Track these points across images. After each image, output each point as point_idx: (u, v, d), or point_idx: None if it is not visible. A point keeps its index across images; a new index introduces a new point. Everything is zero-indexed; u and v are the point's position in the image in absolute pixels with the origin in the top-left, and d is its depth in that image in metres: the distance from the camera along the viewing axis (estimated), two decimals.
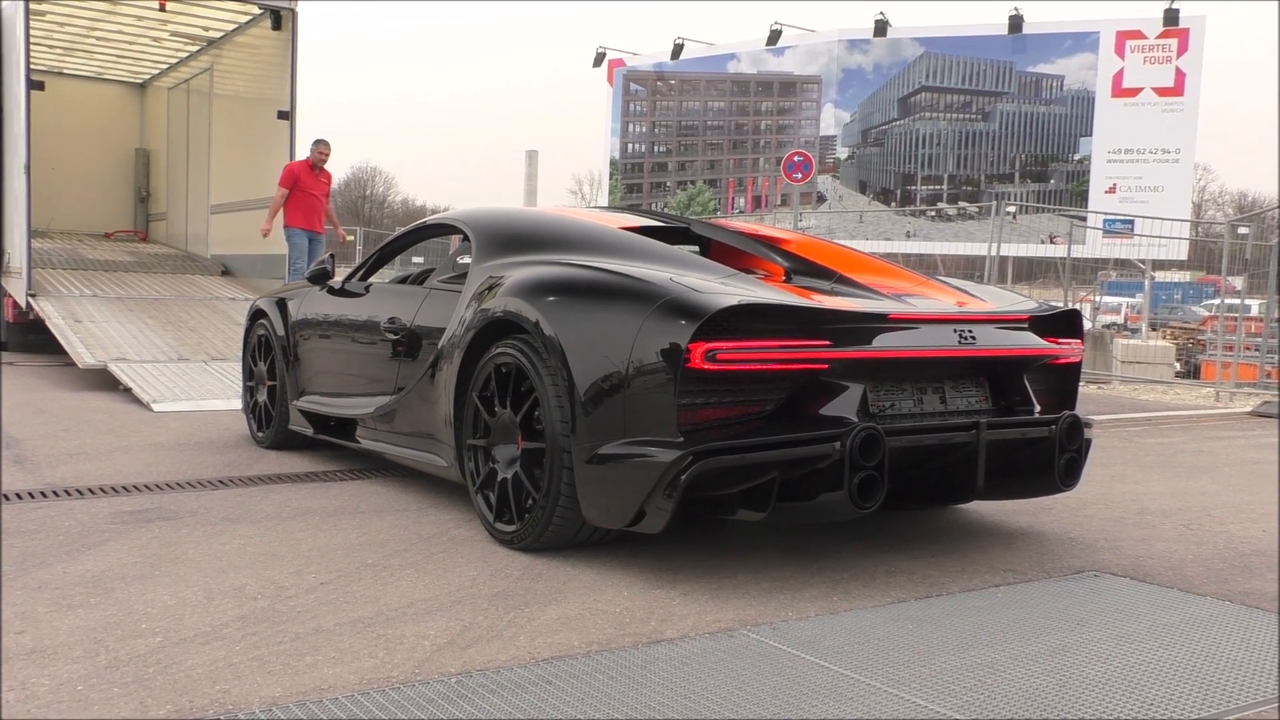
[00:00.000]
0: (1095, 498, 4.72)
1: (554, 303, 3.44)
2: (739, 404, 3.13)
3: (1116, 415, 8.36)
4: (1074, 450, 3.61)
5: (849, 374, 3.26)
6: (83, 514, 3.85)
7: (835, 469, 3.04)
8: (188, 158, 13.22)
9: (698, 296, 3.12)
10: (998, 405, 3.62)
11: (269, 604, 2.86)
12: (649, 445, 3.07)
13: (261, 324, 5.63)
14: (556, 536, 3.40)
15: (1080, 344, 3.92)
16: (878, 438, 3.07)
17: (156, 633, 2.61)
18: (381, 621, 2.73)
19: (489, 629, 2.71)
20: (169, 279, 11.18)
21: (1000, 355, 3.60)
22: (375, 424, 4.47)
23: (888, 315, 3.35)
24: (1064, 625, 2.86)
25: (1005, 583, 3.28)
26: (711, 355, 3.01)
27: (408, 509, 4.07)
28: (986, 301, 3.89)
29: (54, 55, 13.36)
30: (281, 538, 3.58)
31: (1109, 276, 24.58)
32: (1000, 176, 21.40)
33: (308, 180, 9.65)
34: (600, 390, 3.19)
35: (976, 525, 4.05)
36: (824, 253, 4.16)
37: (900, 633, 2.76)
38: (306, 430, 5.15)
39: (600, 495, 3.20)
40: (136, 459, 5.01)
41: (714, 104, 24.42)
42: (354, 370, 4.82)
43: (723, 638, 2.68)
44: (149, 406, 6.72)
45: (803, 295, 3.46)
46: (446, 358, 3.91)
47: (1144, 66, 19.71)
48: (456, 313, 3.97)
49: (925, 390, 3.46)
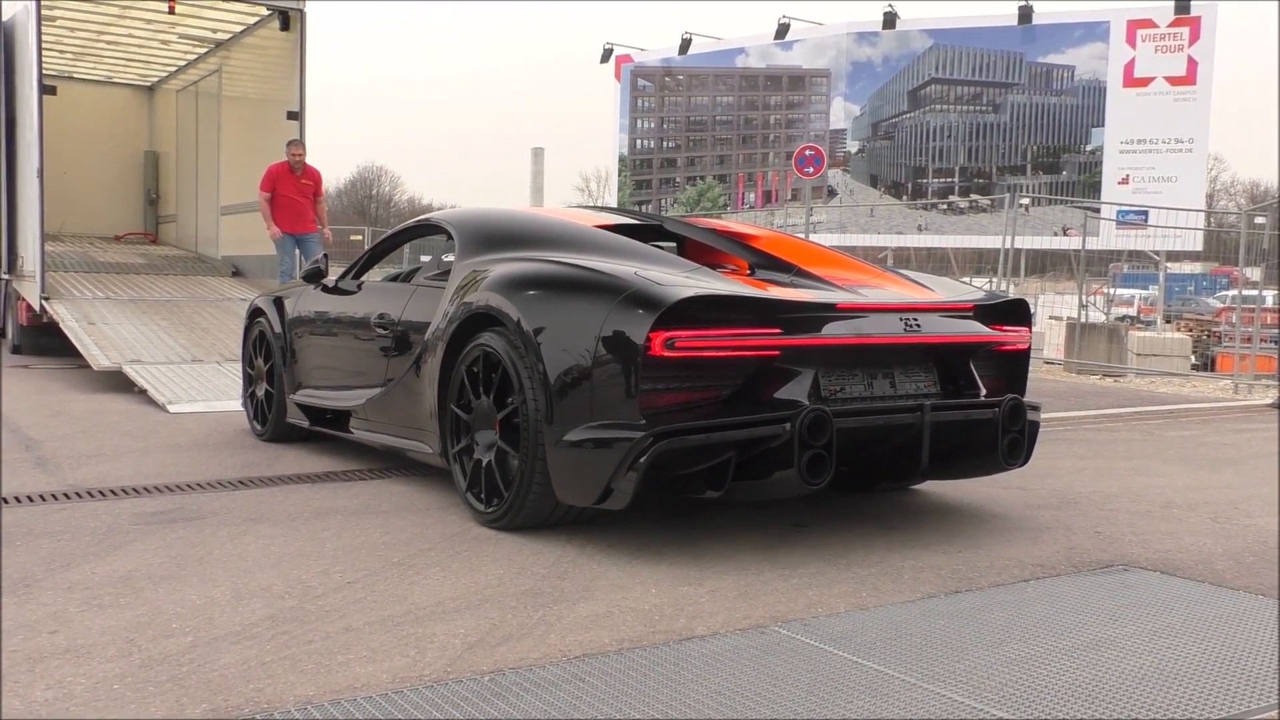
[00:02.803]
0: (1120, 491, 4.70)
1: (528, 296, 3.69)
2: (697, 389, 3.40)
3: (1136, 408, 8.33)
4: (1016, 431, 3.82)
5: (800, 360, 3.50)
6: (107, 515, 3.87)
7: (786, 448, 3.27)
8: (197, 160, 13.25)
9: (658, 289, 3.37)
10: (945, 390, 3.84)
11: (297, 603, 2.87)
12: (614, 428, 3.32)
13: (260, 321, 5.87)
14: (532, 516, 3.63)
15: (1028, 332, 4.15)
16: (825, 419, 3.30)
17: (187, 632, 2.62)
18: (410, 620, 2.74)
19: (519, 627, 2.71)
20: (180, 281, 11.22)
21: (945, 342, 3.83)
22: (367, 414, 4.72)
23: (836, 305, 3.60)
24: (1096, 620, 2.85)
25: (1034, 577, 3.27)
26: (670, 343, 3.27)
27: (429, 508, 4.08)
28: (936, 292, 4.12)
29: (65, 60, 13.41)
30: (305, 537, 3.59)
31: (1121, 269, 24.52)
32: (1012, 168, 21.33)
33: (288, 184, 9.68)
34: (570, 378, 3.44)
35: (1002, 520, 4.05)
36: (788, 248, 4.43)
37: (932, 628, 2.75)
38: (303, 423, 5.38)
39: (570, 476, 3.45)
40: (156, 460, 5.03)
41: (723, 99, 24.38)
42: (347, 364, 5.05)
43: (754, 634, 2.68)
44: (165, 408, 6.74)
45: (759, 287, 3.71)
46: (431, 350, 4.14)
47: (1156, 56, 19.61)
48: (440, 307, 4.20)
49: (876, 376, 3.69)
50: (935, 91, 21.87)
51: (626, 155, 26.38)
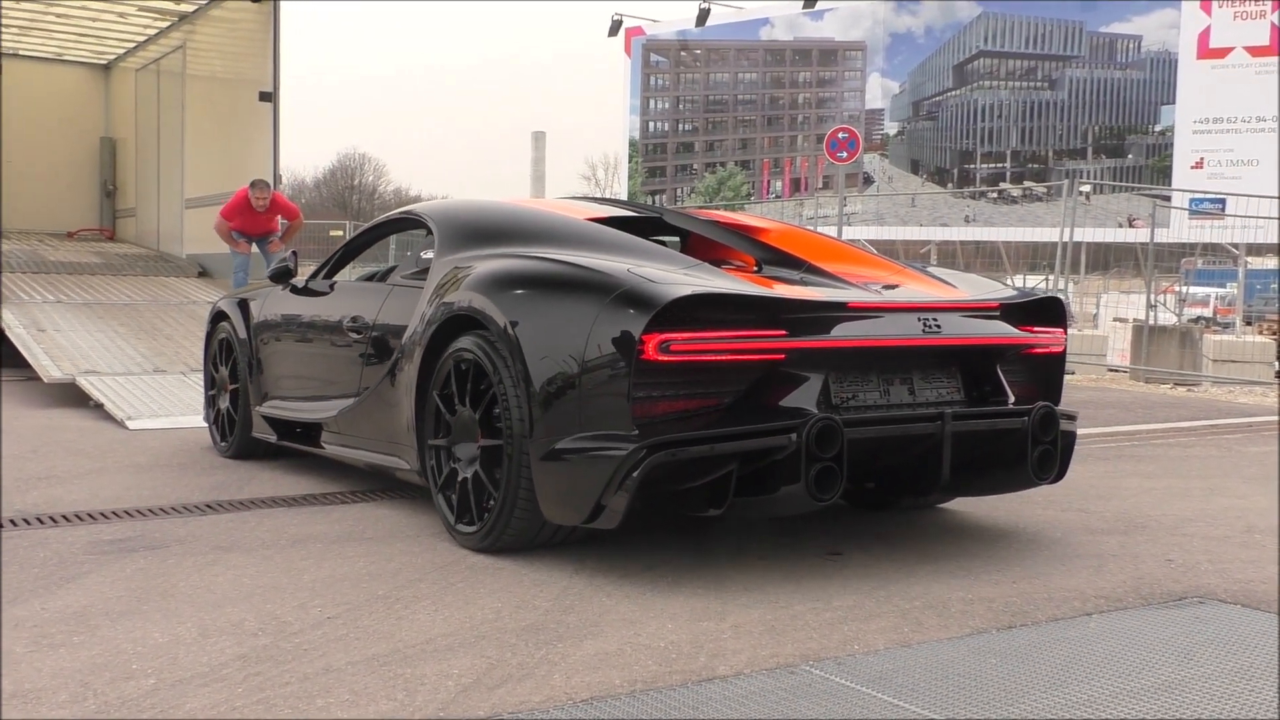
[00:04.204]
0: (1194, 514, 4.69)
1: (512, 296, 3.75)
2: (696, 396, 3.43)
3: (1211, 421, 8.30)
4: (1048, 442, 3.81)
5: (808, 364, 3.52)
6: (58, 544, 3.90)
7: (792, 461, 3.29)
8: (159, 146, 13.35)
9: (652, 287, 3.41)
10: (970, 397, 3.86)
11: (271, 641, 2.88)
12: (604, 439, 3.35)
13: (223, 326, 5.93)
14: (517, 537, 3.67)
15: (1062, 333, 4.17)
16: (835, 428, 3.32)
17: (149, 674, 2.64)
18: (398, 660, 2.75)
19: (519, 667, 2.72)
20: (140, 282, 11.30)
21: (968, 344, 3.85)
22: (340, 427, 4.77)
23: (847, 304, 3.63)
24: (1169, 659, 2.85)
25: (1098, 611, 3.26)
26: (665, 346, 3.29)
27: (419, 535, 4.09)
28: (960, 290, 4.13)
29: (10, 35, 13.52)
30: (280, 568, 3.61)
31: (1194, 264, 24.44)
32: (1071, 152, 21.31)
33: (250, 215, 10.08)
34: (557, 384, 3.49)
35: (1061, 547, 4.04)
36: (799, 242, 4.48)
37: (983, 668, 2.75)
38: (270, 437, 5.43)
39: (557, 492, 3.49)
40: (114, 482, 5.06)
41: (745, 76, 24.43)
42: (318, 372, 5.11)
43: (782, 674, 2.68)
44: (124, 424, 6.79)
45: (764, 285, 3.74)
46: (408, 355, 4.20)
47: (1234, 23, 19.56)
48: (418, 309, 4.24)
49: (892, 381, 3.70)
50: (984, 66, 21.87)
51: (638, 140, 26.46)
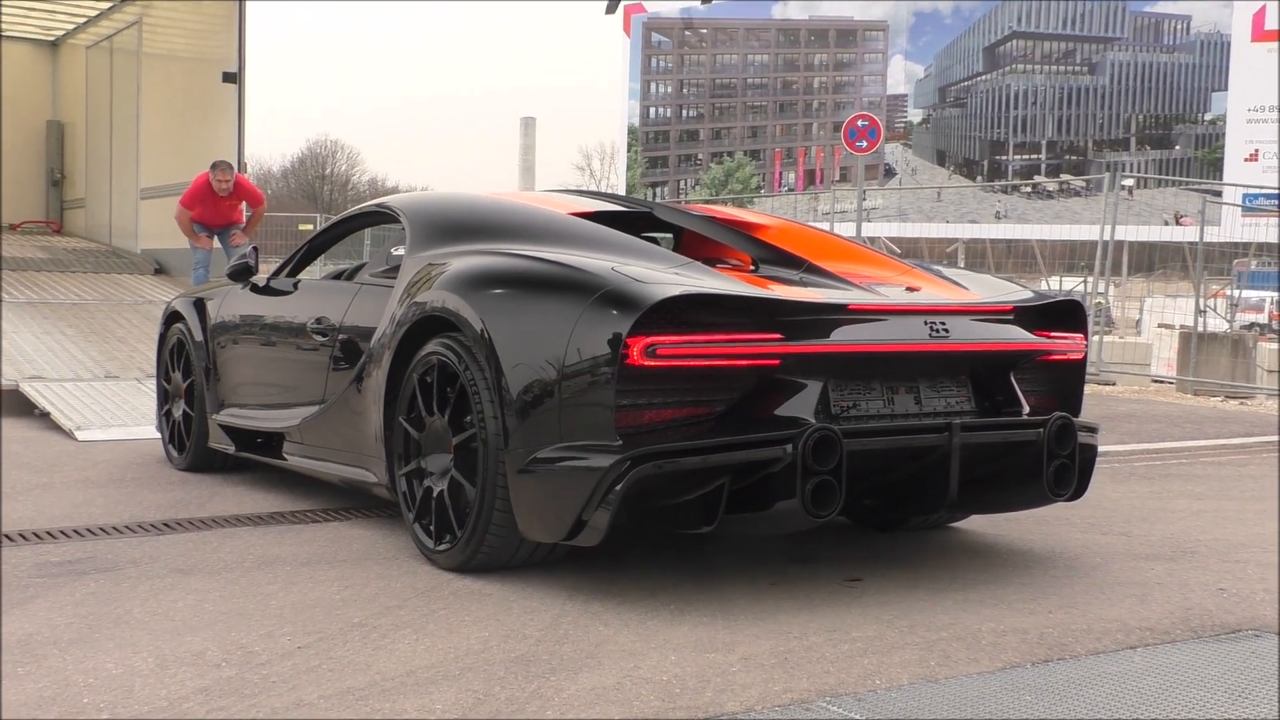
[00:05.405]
0: (1248, 539, 4.70)
1: (487, 296, 3.80)
2: (685, 404, 3.48)
3: (1266, 437, 8.32)
4: (1065, 456, 3.84)
5: (806, 370, 3.57)
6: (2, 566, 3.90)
7: (788, 474, 3.33)
8: (112, 131, 13.38)
9: (638, 287, 3.45)
10: (981, 406, 3.92)
11: (236, 672, 2.89)
12: (584, 450, 3.39)
13: (177, 328, 5.97)
14: (492, 555, 3.73)
15: (1082, 339, 4.21)
16: (833, 439, 3.35)
17: (102, 708, 2.65)
18: (376, 693, 2.76)
19: (508, 701, 2.73)
20: (91, 279, 11.33)
21: (978, 350, 3.91)
22: (303, 437, 4.83)
23: (847, 306, 3.68)
24: (1222, 697, 2.86)
25: (1142, 644, 3.28)
26: (652, 350, 3.33)
27: (397, 557, 4.10)
28: (971, 291, 4.19)
29: None
30: (246, 592, 3.62)
31: (1248, 265, 24.48)
32: (1112, 143, 21.37)
33: (212, 202, 10.08)
34: (534, 391, 3.54)
35: (1102, 574, 4.05)
36: (800, 240, 4.55)
37: (1016, 705, 2.76)
38: (228, 448, 5.47)
39: (535, 506, 3.54)
40: (62, 498, 5.07)
41: (755, 57, 24.49)
42: (279, 378, 5.16)
43: (796, 710, 2.69)
44: (72, 434, 6.81)
45: (759, 285, 3.80)
46: (376, 360, 4.26)
47: None
48: (388, 309, 4.30)
49: (897, 389, 3.75)
50: (1017, 48, 21.93)
51: (637, 127, 26.53)
